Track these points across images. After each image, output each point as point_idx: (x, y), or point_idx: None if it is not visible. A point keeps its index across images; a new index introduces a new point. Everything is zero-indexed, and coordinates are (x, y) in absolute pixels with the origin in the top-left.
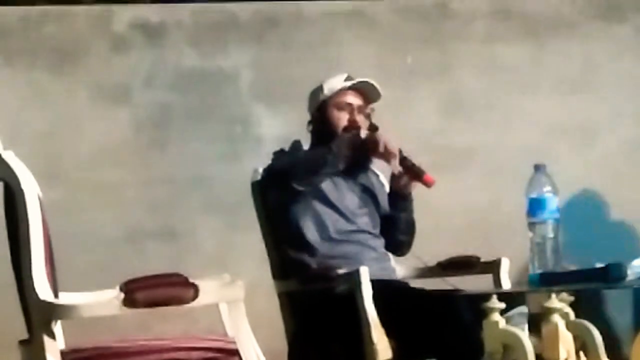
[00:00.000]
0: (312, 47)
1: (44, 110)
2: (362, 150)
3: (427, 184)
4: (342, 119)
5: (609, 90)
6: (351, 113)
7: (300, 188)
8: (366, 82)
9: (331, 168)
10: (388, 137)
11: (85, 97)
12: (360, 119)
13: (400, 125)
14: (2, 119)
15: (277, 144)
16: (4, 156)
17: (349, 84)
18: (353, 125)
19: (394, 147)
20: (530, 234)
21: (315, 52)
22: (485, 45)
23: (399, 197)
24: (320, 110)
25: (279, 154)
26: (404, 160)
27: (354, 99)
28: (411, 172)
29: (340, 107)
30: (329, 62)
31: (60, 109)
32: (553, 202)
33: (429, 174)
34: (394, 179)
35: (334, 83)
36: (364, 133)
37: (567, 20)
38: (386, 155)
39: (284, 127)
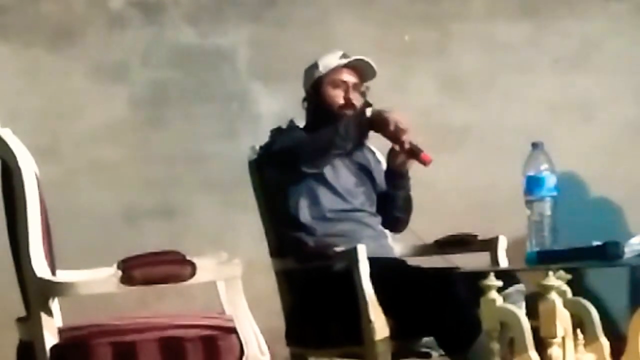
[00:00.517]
0: (310, 25)
1: (42, 87)
2: (370, 129)
3: (424, 163)
4: (337, 96)
5: (608, 69)
6: (346, 91)
7: (310, 171)
8: (362, 59)
9: (340, 150)
10: (397, 115)
11: (83, 74)
12: (355, 96)
13: (397, 103)
14: None
15: (274, 121)
16: (1, 133)
17: (344, 61)
18: (348, 103)
19: (405, 124)
20: (528, 212)
21: (313, 30)
22: (484, 23)
23: (397, 175)
24: (315, 88)
25: (276, 132)
26: None
27: (349, 77)
28: (408, 150)
29: (336, 84)
30: (327, 40)
31: (57, 87)
32: (551, 180)
33: (426, 153)
34: (391, 156)
35: (329, 60)
36: (369, 111)
37: None
38: (396, 133)
39: (281, 104)
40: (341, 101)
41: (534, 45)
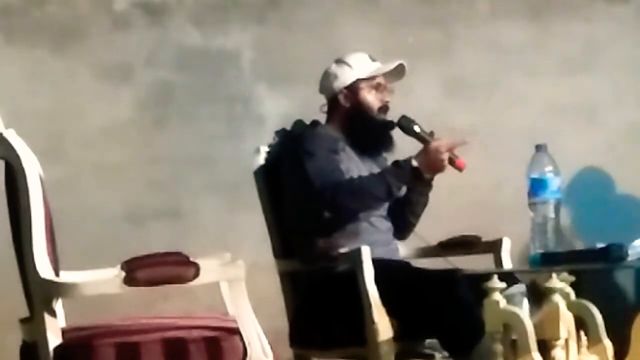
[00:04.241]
0: (314, 26)
1: (46, 88)
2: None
3: (459, 168)
4: (376, 99)
5: (611, 71)
6: (382, 93)
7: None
8: (403, 64)
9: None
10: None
11: (87, 75)
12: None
13: (401, 105)
14: (4, 97)
15: (278, 123)
16: (5, 135)
17: (392, 66)
18: (385, 106)
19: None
20: (532, 214)
21: (317, 31)
22: (488, 25)
23: (425, 183)
24: (353, 90)
25: (281, 134)
26: None
27: (382, 79)
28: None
29: (375, 87)
30: (331, 42)
31: (62, 88)
32: (554, 182)
33: (462, 158)
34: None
35: (365, 62)
36: (414, 162)
37: (570, 1)
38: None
39: (285, 106)
40: (379, 104)
41: (539, 48)
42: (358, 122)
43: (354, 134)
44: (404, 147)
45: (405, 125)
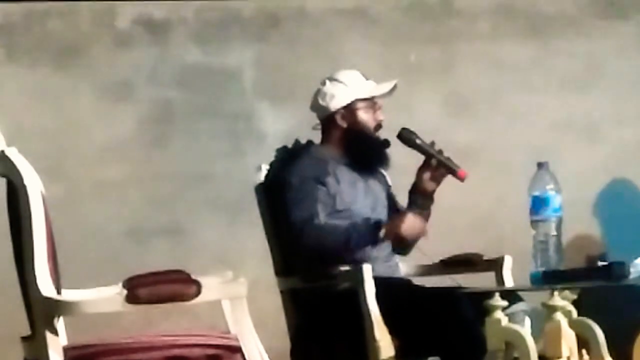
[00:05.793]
0: (315, 44)
1: (48, 106)
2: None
3: (461, 178)
4: (372, 118)
5: (613, 88)
6: (377, 112)
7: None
8: (395, 84)
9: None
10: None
11: (89, 93)
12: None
13: (403, 123)
14: (5, 115)
15: (280, 140)
16: (7, 152)
17: (390, 85)
18: (380, 125)
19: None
20: (533, 232)
21: (319, 49)
22: (489, 43)
23: (425, 194)
24: (350, 110)
25: (281, 151)
26: (439, 154)
27: (377, 98)
28: (446, 166)
29: (371, 106)
30: (332, 60)
31: (63, 105)
32: (556, 200)
33: (463, 169)
34: (421, 174)
35: (360, 82)
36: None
37: (571, 18)
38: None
39: (287, 124)
40: (374, 123)
41: (540, 66)
42: (357, 142)
43: (352, 154)
44: (400, 161)
45: (407, 137)
